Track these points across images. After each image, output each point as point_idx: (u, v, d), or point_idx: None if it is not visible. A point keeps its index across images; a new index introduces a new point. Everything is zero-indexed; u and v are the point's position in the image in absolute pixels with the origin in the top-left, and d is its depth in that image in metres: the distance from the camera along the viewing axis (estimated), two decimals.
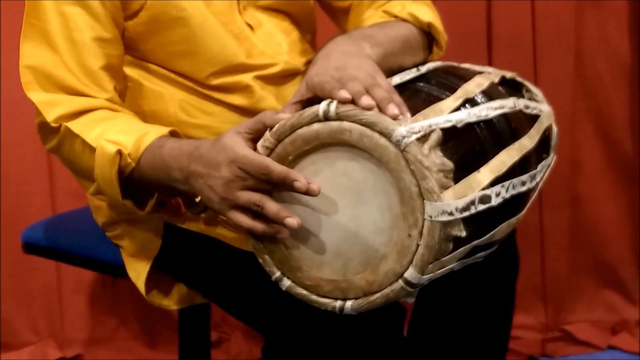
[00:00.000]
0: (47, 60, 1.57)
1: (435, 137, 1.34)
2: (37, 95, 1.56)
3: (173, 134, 1.53)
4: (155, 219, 1.67)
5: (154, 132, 1.52)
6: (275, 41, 1.71)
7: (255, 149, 1.38)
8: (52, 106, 1.55)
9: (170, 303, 1.76)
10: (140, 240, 1.71)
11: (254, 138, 1.39)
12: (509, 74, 1.68)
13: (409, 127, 1.32)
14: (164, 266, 1.71)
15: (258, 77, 1.66)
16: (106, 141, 1.50)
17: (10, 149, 2.55)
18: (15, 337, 2.65)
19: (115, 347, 2.65)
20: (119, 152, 1.49)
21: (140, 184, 1.53)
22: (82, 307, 2.65)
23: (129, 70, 1.66)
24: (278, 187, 1.37)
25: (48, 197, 2.60)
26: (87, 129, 1.53)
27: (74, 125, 1.53)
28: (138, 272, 1.71)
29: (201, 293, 1.74)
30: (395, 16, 1.71)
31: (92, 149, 1.51)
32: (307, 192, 1.34)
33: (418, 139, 1.32)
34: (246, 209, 1.39)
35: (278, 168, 1.34)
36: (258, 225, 1.38)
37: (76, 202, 2.40)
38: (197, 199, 1.59)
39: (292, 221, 1.35)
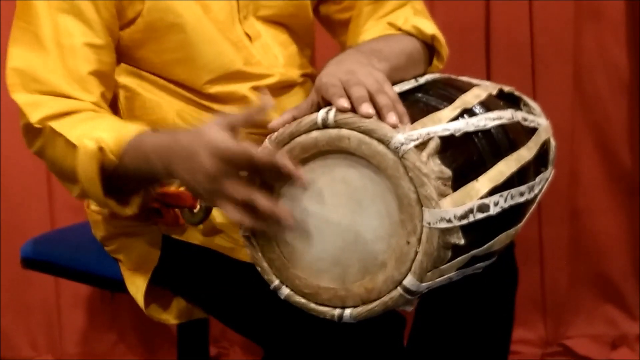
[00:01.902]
0: (35, 63, 1.56)
1: (433, 145, 1.35)
2: (21, 97, 1.56)
3: (154, 131, 1.52)
4: (153, 232, 1.68)
5: (135, 127, 1.51)
6: (272, 53, 1.72)
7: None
8: (36, 107, 1.54)
9: (169, 317, 1.75)
10: (139, 254, 1.71)
11: (233, 128, 1.37)
12: (507, 88, 1.69)
13: (408, 134, 1.33)
14: (163, 279, 1.71)
15: (255, 88, 1.67)
16: (88, 139, 1.49)
17: (10, 164, 2.56)
18: (13, 351, 2.65)
19: None
20: (101, 149, 1.48)
21: (125, 182, 1.52)
22: (81, 322, 2.65)
23: (127, 80, 1.67)
24: (265, 175, 1.36)
25: (47, 211, 2.60)
26: (70, 129, 1.52)
27: (57, 125, 1.52)
28: (137, 285, 1.71)
29: (200, 306, 1.74)
30: (399, 28, 1.72)
31: (75, 148, 1.49)
32: (295, 177, 1.33)
33: (416, 147, 1.32)
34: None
35: (260, 153, 1.33)
36: (246, 219, 1.36)
37: (75, 216, 2.40)
38: (195, 210, 1.59)
39: (285, 212, 1.35)
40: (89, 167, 1.49)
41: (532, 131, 1.61)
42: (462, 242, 1.35)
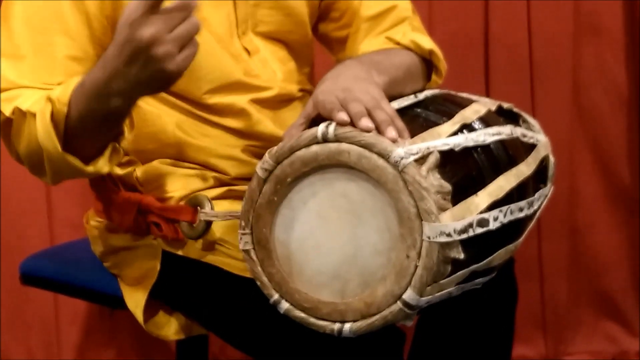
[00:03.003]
0: (9, 74, 1.55)
1: (433, 159, 1.35)
2: None
3: None
4: (152, 247, 1.67)
5: (78, 78, 1.49)
6: (270, 68, 1.72)
7: None
8: (11, 101, 1.52)
9: (169, 333, 1.74)
10: (138, 269, 1.71)
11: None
12: (506, 104, 1.69)
13: (407, 148, 1.33)
14: (162, 295, 1.71)
15: (254, 101, 1.68)
16: (40, 100, 1.48)
17: (9, 181, 2.56)
18: None
19: None
20: (49, 99, 1.46)
21: (83, 134, 1.48)
22: (79, 339, 2.64)
23: None
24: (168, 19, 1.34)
25: (46, 228, 2.60)
26: (31, 103, 1.50)
27: (22, 105, 1.50)
28: (136, 301, 1.70)
29: (199, 322, 1.73)
30: (398, 43, 1.73)
31: (34, 116, 1.48)
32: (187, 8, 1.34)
33: (416, 161, 1.33)
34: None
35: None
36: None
37: (74, 233, 2.40)
38: (195, 224, 1.60)
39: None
40: (43, 122, 1.47)
41: (531, 147, 1.61)
42: (462, 256, 1.35)
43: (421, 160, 1.34)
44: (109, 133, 1.52)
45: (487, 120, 1.55)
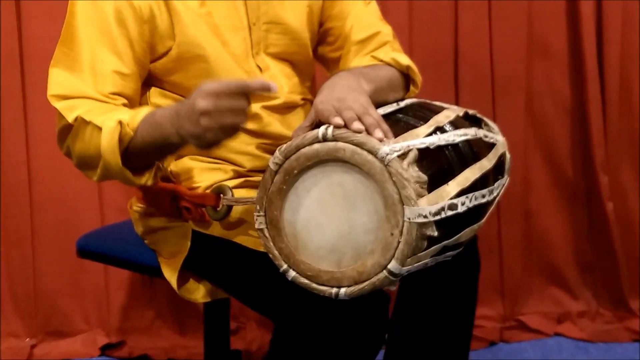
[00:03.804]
0: (72, 80, 1.56)
1: (412, 155, 1.35)
2: (59, 104, 1.55)
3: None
4: (184, 227, 1.67)
5: (147, 108, 1.51)
6: (278, 83, 1.71)
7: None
8: (72, 109, 1.53)
9: (197, 297, 1.74)
10: (172, 245, 1.71)
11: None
12: (471, 111, 1.69)
13: (392, 146, 1.33)
14: (192, 266, 1.71)
15: (265, 107, 1.67)
16: (110, 120, 1.48)
17: (68, 174, 2.54)
18: (70, 326, 2.63)
19: (152, 335, 2.63)
20: (120, 123, 1.47)
21: (141, 154, 1.50)
22: (125, 302, 2.63)
23: (159, 100, 1.66)
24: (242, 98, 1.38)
25: (98, 211, 2.59)
26: (97, 116, 1.50)
27: (87, 116, 1.51)
28: (171, 271, 1.70)
29: (222, 288, 1.73)
30: (381, 60, 1.73)
31: (100, 129, 1.48)
32: (267, 89, 1.36)
33: (399, 156, 1.33)
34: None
35: (234, 83, 1.35)
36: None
37: (121, 215, 2.39)
38: (218, 208, 1.59)
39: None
40: (110, 140, 1.47)
41: (492, 146, 1.61)
42: (436, 234, 1.35)
43: (403, 156, 1.34)
44: (161, 158, 1.54)
45: (456, 124, 1.55)
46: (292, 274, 1.42)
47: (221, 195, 1.60)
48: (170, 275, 1.71)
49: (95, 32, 1.56)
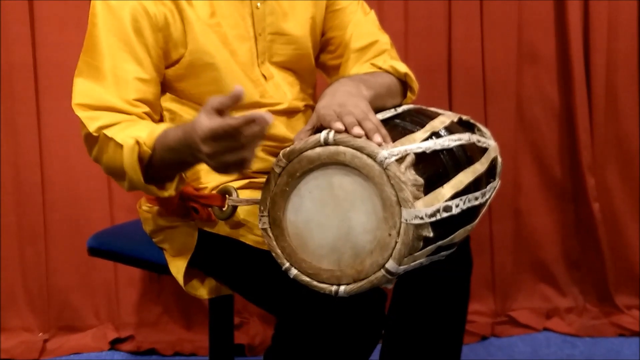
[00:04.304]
0: (95, 89, 1.56)
1: (409, 159, 1.35)
2: (82, 113, 1.55)
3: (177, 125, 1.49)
4: (191, 226, 1.67)
5: (164, 125, 1.50)
6: (282, 90, 1.72)
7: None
8: (93, 120, 1.53)
9: (203, 293, 1.74)
10: (179, 243, 1.71)
11: (220, 110, 1.32)
12: (464, 116, 1.69)
13: (390, 151, 1.33)
14: (198, 264, 1.71)
15: (269, 111, 1.66)
16: (129, 138, 1.47)
17: (79, 175, 2.55)
18: (81, 321, 2.63)
19: (160, 329, 2.63)
20: (137, 143, 1.46)
21: (162, 169, 1.49)
22: (134, 298, 2.63)
23: (171, 105, 1.67)
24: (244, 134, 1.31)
25: (108, 211, 2.58)
26: (118, 133, 1.50)
27: (109, 132, 1.51)
28: (178, 268, 1.71)
29: (227, 285, 1.73)
30: (380, 68, 1.73)
31: (121, 147, 1.48)
32: (263, 121, 1.29)
33: (397, 160, 1.33)
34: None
35: (235, 120, 1.28)
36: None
37: (130, 215, 2.40)
38: (224, 208, 1.59)
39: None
40: (131, 159, 1.47)
41: (484, 150, 1.61)
42: (431, 234, 1.35)
43: (400, 160, 1.34)
44: (180, 171, 1.53)
45: (450, 129, 1.55)
46: (293, 272, 1.42)
47: (227, 195, 1.59)
48: (177, 273, 1.71)
49: (116, 41, 1.56)
